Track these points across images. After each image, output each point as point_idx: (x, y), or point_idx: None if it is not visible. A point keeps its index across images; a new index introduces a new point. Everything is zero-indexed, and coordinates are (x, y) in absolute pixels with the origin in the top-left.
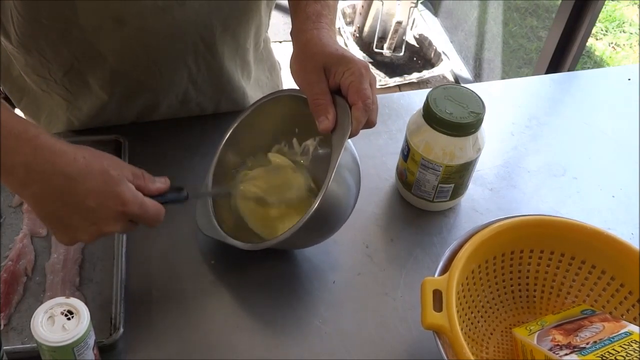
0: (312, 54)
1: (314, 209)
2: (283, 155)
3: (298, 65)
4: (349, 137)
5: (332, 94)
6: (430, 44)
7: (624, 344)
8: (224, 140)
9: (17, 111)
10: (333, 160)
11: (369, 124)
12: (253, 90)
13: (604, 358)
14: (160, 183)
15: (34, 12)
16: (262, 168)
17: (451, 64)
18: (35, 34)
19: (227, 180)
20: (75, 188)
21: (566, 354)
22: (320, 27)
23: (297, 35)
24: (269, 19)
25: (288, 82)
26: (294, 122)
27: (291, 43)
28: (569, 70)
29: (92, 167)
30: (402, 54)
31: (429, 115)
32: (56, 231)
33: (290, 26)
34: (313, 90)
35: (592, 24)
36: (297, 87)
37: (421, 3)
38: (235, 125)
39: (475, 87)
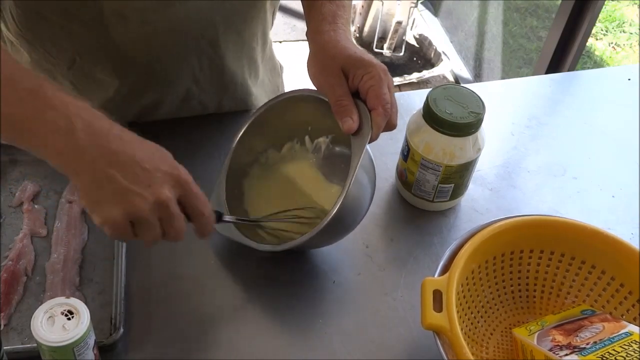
0: (330, 56)
1: (333, 213)
2: (295, 152)
3: (317, 67)
4: (369, 142)
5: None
6: (430, 44)
7: (624, 344)
8: (237, 139)
9: None
10: (353, 165)
11: (390, 126)
12: (257, 90)
13: (604, 358)
14: None
15: (34, 6)
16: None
17: (451, 64)
18: (37, 28)
19: (239, 178)
20: (131, 150)
21: (566, 354)
22: (336, 27)
23: (314, 36)
24: (274, 18)
25: (290, 84)
26: (306, 121)
27: (291, 43)
28: (569, 70)
29: (142, 138)
30: (402, 54)
31: (429, 115)
32: (107, 201)
33: (290, 26)
34: (335, 92)
35: (592, 24)
36: (313, 88)
37: (421, 3)
38: (248, 124)
39: (475, 87)
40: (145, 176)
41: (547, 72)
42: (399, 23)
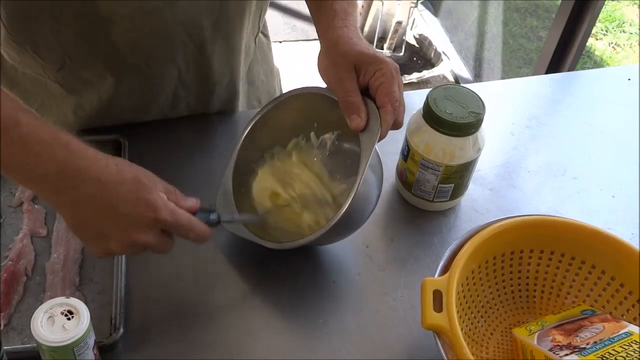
0: (343, 51)
1: (343, 212)
2: (300, 149)
3: (328, 61)
4: (378, 141)
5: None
6: (430, 44)
7: (624, 344)
8: (243, 136)
9: None
10: (362, 164)
11: (396, 125)
12: (247, 94)
13: (604, 358)
14: (192, 202)
15: (24, 7)
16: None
17: (451, 64)
18: (27, 30)
19: (245, 175)
20: (107, 194)
21: (566, 354)
22: (348, 24)
23: (326, 32)
24: (261, 21)
25: (289, 84)
26: (313, 118)
27: (291, 43)
28: (569, 70)
29: (123, 174)
30: (402, 54)
31: (429, 115)
32: (88, 241)
33: (290, 26)
34: (344, 87)
35: (592, 24)
36: (317, 85)
37: (421, 3)
38: (255, 121)
39: (475, 87)
40: (122, 221)
41: (547, 72)
42: (399, 23)
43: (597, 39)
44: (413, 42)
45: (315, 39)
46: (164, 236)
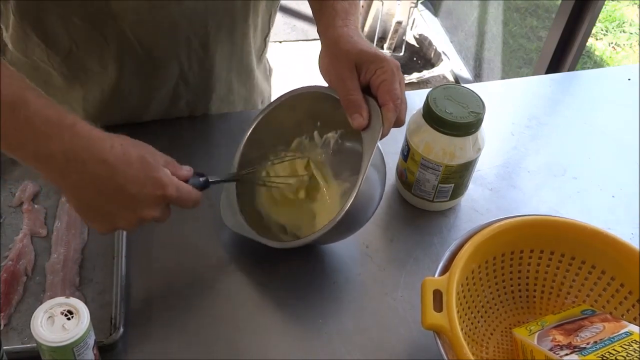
0: (344, 50)
1: (345, 210)
2: (304, 148)
3: (329, 60)
4: (380, 138)
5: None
6: (430, 44)
7: (625, 344)
8: (247, 136)
9: None
10: (365, 162)
11: (398, 122)
12: (248, 94)
13: (604, 358)
14: (186, 170)
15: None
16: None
17: (451, 64)
18: (36, 18)
19: (248, 174)
20: (114, 175)
21: (566, 354)
22: (349, 24)
23: (326, 32)
24: (271, 21)
25: (288, 84)
26: (316, 117)
27: (291, 43)
28: (569, 70)
29: (129, 154)
30: (402, 54)
31: (429, 115)
32: (93, 221)
33: (290, 26)
34: (346, 85)
35: (592, 24)
36: (320, 84)
37: (421, 3)
38: (257, 120)
39: (475, 87)
40: (130, 201)
41: (547, 72)
42: (399, 23)
43: (597, 39)
44: (413, 42)
45: (315, 39)
46: (166, 207)
